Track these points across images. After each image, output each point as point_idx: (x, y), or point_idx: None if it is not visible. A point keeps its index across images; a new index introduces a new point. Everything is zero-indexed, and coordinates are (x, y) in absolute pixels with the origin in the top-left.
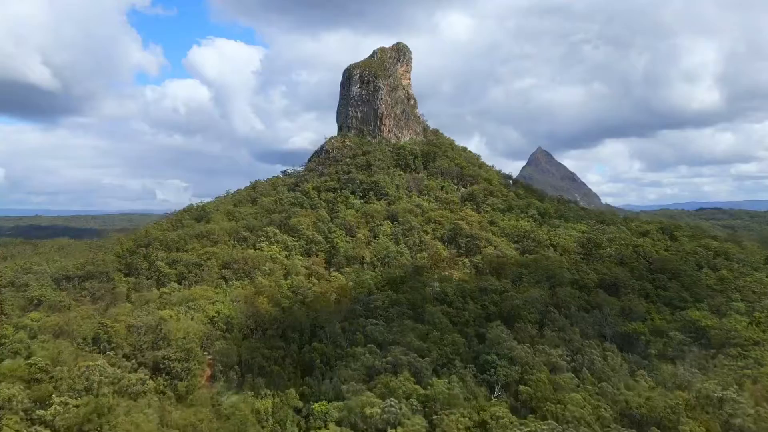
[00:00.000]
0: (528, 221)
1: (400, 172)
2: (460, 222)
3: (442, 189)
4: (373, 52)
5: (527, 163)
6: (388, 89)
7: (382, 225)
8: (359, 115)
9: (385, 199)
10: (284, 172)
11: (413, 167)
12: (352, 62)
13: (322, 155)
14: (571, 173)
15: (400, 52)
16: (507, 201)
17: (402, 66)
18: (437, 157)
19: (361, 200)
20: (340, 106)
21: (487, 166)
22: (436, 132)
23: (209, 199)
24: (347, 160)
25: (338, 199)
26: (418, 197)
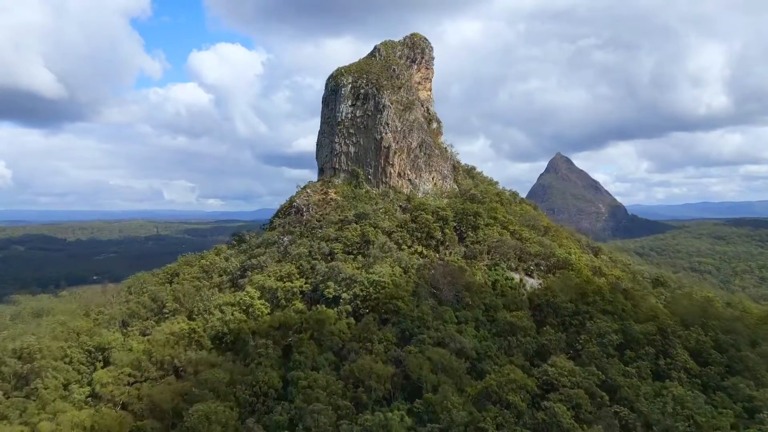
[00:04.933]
0: (680, 383)
1: (421, 250)
2: (552, 404)
3: (494, 287)
4: (375, 48)
5: (546, 171)
6: (399, 108)
7: (389, 418)
8: (352, 149)
9: (393, 322)
10: (236, 236)
11: (441, 240)
12: (343, 65)
13: (291, 215)
14: (593, 181)
15: (416, 49)
16: (616, 312)
17: (419, 70)
18: (479, 220)
19: (349, 320)
20: (321, 134)
21: (554, 224)
22: (471, 172)
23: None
24: (330, 230)
25: None
26: (456, 312)
